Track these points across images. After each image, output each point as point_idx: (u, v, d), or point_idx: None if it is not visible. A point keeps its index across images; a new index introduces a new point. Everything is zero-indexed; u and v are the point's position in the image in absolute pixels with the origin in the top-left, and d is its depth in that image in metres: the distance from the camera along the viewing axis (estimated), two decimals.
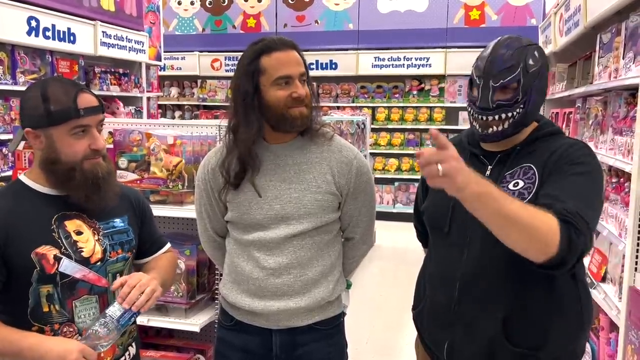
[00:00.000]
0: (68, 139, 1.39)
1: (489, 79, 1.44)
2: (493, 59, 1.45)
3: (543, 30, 5.26)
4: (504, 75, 1.42)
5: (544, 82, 1.49)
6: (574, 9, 3.67)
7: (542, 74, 1.46)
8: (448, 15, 7.70)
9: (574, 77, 4.00)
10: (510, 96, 1.43)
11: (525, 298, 1.44)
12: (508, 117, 1.44)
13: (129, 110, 5.98)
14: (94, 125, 1.41)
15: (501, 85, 1.43)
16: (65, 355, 1.30)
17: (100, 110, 1.44)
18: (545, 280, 1.43)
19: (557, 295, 1.45)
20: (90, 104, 1.41)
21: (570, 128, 3.85)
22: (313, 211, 1.61)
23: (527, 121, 1.48)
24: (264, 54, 1.57)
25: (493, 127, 1.46)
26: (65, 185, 1.42)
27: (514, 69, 1.42)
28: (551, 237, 1.23)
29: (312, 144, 1.66)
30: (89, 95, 1.42)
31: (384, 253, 6.27)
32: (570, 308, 1.46)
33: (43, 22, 4.64)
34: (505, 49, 1.44)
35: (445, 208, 1.53)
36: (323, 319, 1.68)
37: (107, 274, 1.47)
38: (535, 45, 1.47)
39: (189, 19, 8.79)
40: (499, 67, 1.43)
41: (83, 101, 1.39)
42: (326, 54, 8.15)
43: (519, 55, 1.43)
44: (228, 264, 1.73)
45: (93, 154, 1.42)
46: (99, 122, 1.44)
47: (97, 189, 1.42)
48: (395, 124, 8.09)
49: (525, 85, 1.42)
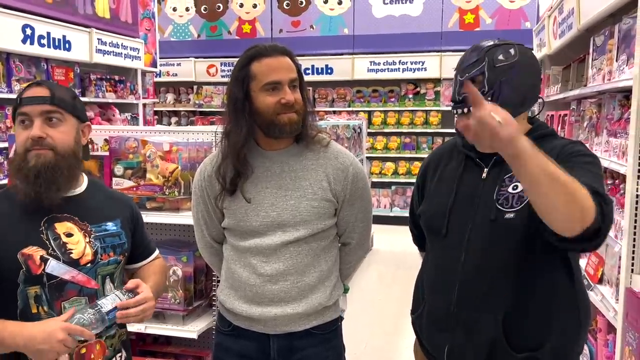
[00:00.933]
0: (18, 130, 1.45)
1: (458, 74, 1.52)
2: (464, 56, 1.53)
3: (537, 33, 5.28)
4: (469, 69, 1.49)
5: (524, 80, 1.48)
6: (568, 12, 3.69)
7: (518, 71, 1.46)
8: (443, 19, 7.74)
9: (568, 79, 4.02)
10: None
11: (524, 299, 1.44)
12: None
13: (125, 117, 5.97)
14: (35, 115, 1.42)
15: (467, 78, 1.47)
16: (50, 338, 1.29)
17: (44, 101, 1.43)
18: (543, 282, 1.45)
19: (556, 296, 1.46)
20: (33, 94, 1.44)
21: (565, 130, 3.86)
22: (309, 218, 1.62)
23: None
24: (255, 60, 1.58)
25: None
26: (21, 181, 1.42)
27: (479, 62, 1.48)
28: (588, 203, 1.20)
29: (308, 150, 1.67)
30: (39, 88, 1.45)
31: (382, 257, 6.27)
32: (569, 309, 1.47)
33: (38, 30, 4.64)
34: (475, 50, 1.51)
35: (443, 211, 1.54)
36: (320, 323, 1.68)
37: (97, 276, 1.48)
38: (515, 45, 1.50)
39: (185, 25, 8.80)
40: (466, 63, 1.50)
41: (28, 92, 1.44)
42: (322, 59, 8.17)
43: (488, 51, 1.48)
44: (225, 270, 1.73)
45: (32, 145, 1.41)
46: (43, 112, 1.43)
47: (27, 180, 1.40)
48: (392, 128, 8.11)
49: (490, 79, 1.46)
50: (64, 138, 1.45)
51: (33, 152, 1.41)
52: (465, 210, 1.51)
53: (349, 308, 4.59)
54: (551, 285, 1.45)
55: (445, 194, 1.56)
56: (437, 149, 1.76)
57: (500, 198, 1.45)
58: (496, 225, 1.42)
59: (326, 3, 8.15)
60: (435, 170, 1.65)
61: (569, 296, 1.48)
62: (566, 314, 1.47)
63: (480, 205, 1.47)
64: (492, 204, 1.45)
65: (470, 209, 1.49)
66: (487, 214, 1.44)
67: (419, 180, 1.73)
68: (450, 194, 1.54)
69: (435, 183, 1.62)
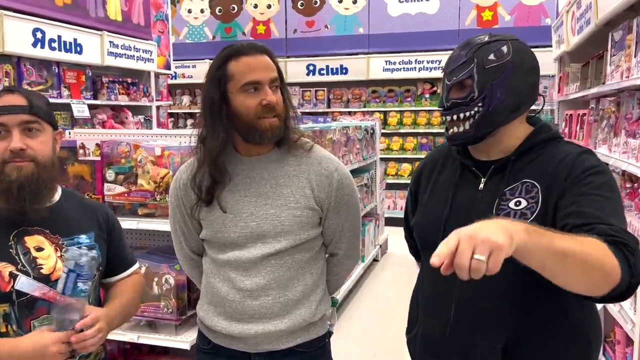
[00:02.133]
0: None
1: (444, 78, 1.39)
2: (450, 57, 1.39)
3: (556, 30, 5.10)
4: (456, 72, 1.35)
5: (519, 80, 1.34)
6: (586, 6, 3.52)
7: (512, 71, 1.32)
8: (460, 17, 7.55)
9: (587, 77, 3.85)
10: (464, 94, 1.34)
11: (527, 325, 1.30)
12: (467, 116, 1.34)
13: (138, 119, 5.96)
14: (12, 126, 1.35)
15: (454, 83, 1.35)
16: (43, 351, 1.25)
17: (22, 111, 1.36)
18: (547, 305, 1.30)
19: (562, 323, 1.32)
20: (10, 102, 1.36)
21: (584, 131, 3.70)
22: (291, 228, 1.51)
23: (494, 121, 1.34)
24: (232, 59, 1.47)
25: (454, 128, 1.36)
26: None
27: (466, 65, 1.33)
28: (610, 263, 1.07)
29: (290, 155, 1.56)
30: (14, 96, 1.37)
31: (397, 260, 6.14)
32: (576, 334, 1.33)
33: (49, 33, 4.65)
34: (464, 47, 1.37)
35: (437, 223, 1.40)
36: (305, 340, 1.58)
37: None
38: (510, 41, 1.35)
39: (199, 27, 8.80)
40: (454, 64, 1.36)
41: (2, 101, 1.35)
42: (336, 59, 8.06)
43: (477, 51, 1.34)
44: (204, 285, 1.64)
45: (12, 157, 1.34)
46: (21, 122, 1.36)
47: (9, 194, 1.34)
48: (408, 128, 7.96)
49: (481, 82, 1.32)
50: (43, 149, 1.40)
51: (12, 164, 1.34)
52: (461, 223, 1.37)
53: (361, 313, 4.50)
54: (558, 311, 1.31)
55: (439, 205, 1.42)
56: (432, 153, 1.63)
57: (501, 213, 1.30)
58: None
59: (341, 2, 8.04)
60: (430, 177, 1.52)
61: (577, 323, 1.33)
62: (576, 338, 1.33)
63: (478, 219, 1.33)
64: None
65: (467, 222, 1.36)
66: None
67: (413, 187, 1.60)
68: (445, 205, 1.41)
69: (430, 192, 1.49)
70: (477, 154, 1.43)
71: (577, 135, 3.87)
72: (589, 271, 1.05)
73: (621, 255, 1.08)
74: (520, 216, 1.28)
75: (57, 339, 1.27)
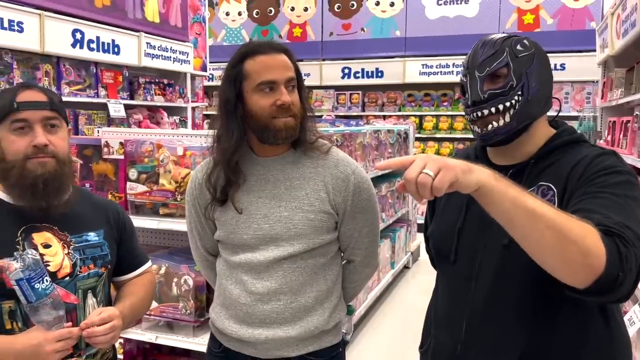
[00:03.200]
0: (10, 137, 1.34)
1: (474, 71, 1.29)
2: (474, 53, 1.31)
3: (600, 33, 4.89)
4: (489, 62, 1.27)
5: (544, 74, 1.29)
6: (632, 8, 3.35)
7: (538, 63, 1.28)
8: (500, 20, 7.37)
9: (632, 82, 3.66)
10: (502, 84, 1.26)
11: (544, 341, 1.21)
12: (507, 107, 1.25)
13: (173, 120, 6.04)
14: (35, 121, 1.35)
15: (488, 73, 1.27)
16: (38, 352, 1.24)
17: (44, 106, 1.36)
18: (567, 320, 1.21)
19: (583, 338, 1.21)
20: (30, 98, 1.35)
21: (627, 138, 3.52)
22: (304, 232, 1.46)
23: (532, 112, 1.27)
24: (248, 58, 1.44)
25: (493, 123, 1.26)
26: (11, 189, 1.35)
27: (499, 54, 1.26)
28: (593, 245, 0.98)
29: (306, 157, 1.52)
30: (32, 92, 1.37)
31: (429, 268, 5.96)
32: (600, 354, 1.23)
33: (88, 34, 4.76)
34: (486, 44, 1.30)
35: (451, 233, 1.33)
36: (317, 349, 1.52)
37: (76, 290, 1.39)
38: (525, 37, 1.31)
39: (237, 30, 8.87)
40: (482, 56, 1.28)
41: (23, 97, 1.35)
42: (372, 62, 7.99)
43: (503, 43, 1.28)
44: (218, 287, 1.60)
45: (35, 152, 1.34)
46: (43, 118, 1.36)
47: (39, 190, 1.34)
48: (444, 133, 7.80)
49: (516, 69, 1.25)
50: (63, 144, 1.40)
51: (35, 160, 1.34)
52: (476, 232, 1.30)
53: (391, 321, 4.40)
54: (577, 324, 1.21)
55: (454, 214, 1.35)
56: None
57: None
58: (509, 252, 1.20)
59: (378, 5, 7.97)
60: None
61: (601, 338, 1.22)
62: (597, 355, 1.22)
63: (493, 227, 1.24)
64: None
65: (481, 231, 1.28)
66: (499, 238, 1.21)
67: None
68: (459, 213, 1.34)
69: (445, 200, 1.41)
70: (497, 159, 1.35)
71: (620, 143, 3.69)
72: (565, 243, 0.97)
73: (613, 245, 1.00)
74: None
75: (51, 338, 1.25)
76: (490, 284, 1.26)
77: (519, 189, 1.01)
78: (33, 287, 1.24)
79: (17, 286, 1.24)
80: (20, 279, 1.23)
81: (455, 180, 0.95)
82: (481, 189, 0.98)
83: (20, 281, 1.23)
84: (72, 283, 1.38)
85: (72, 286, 1.38)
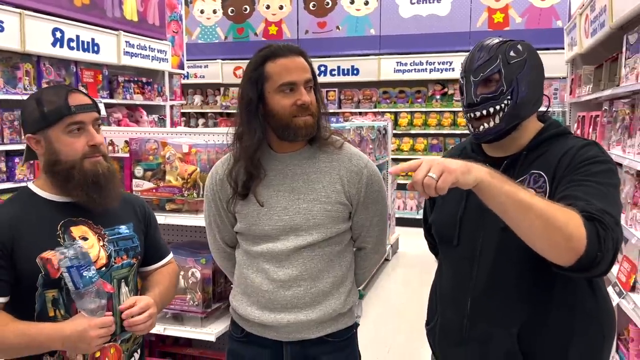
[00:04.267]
0: (65, 138, 1.42)
1: (470, 75, 1.44)
2: (472, 56, 1.46)
3: (568, 32, 5.13)
4: (483, 68, 1.42)
5: (535, 76, 1.44)
6: (600, 9, 3.56)
7: (530, 67, 1.42)
8: (471, 19, 7.60)
9: (600, 79, 3.88)
10: (493, 88, 1.41)
11: (541, 313, 1.37)
12: (497, 110, 1.41)
13: (152, 118, 6.04)
14: (89, 123, 1.44)
15: (482, 79, 1.42)
16: (83, 336, 1.32)
17: (93, 108, 1.46)
18: (561, 293, 1.37)
19: (575, 308, 1.38)
20: (82, 101, 1.44)
21: (597, 132, 3.74)
22: (322, 222, 1.58)
23: (520, 114, 1.42)
24: (269, 60, 1.54)
25: (484, 124, 1.42)
26: (66, 187, 1.44)
27: (492, 60, 1.41)
28: (576, 230, 1.15)
29: (321, 152, 1.63)
30: (80, 95, 1.46)
31: (408, 260, 6.19)
32: (590, 321, 1.39)
33: (67, 33, 4.73)
34: (482, 49, 1.45)
35: (453, 220, 1.47)
36: (335, 330, 1.64)
37: (112, 279, 1.48)
38: (519, 42, 1.46)
39: (212, 28, 8.88)
40: (478, 62, 1.43)
41: (74, 100, 1.43)
42: (348, 60, 8.13)
43: (497, 49, 1.42)
44: (238, 276, 1.70)
45: (92, 152, 1.44)
46: (94, 120, 1.46)
47: (98, 187, 1.44)
48: (418, 129, 8.01)
49: (507, 75, 1.40)
50: (102, 140, 1.49)
51: (92, 159, 1.44)
52: (476, 218, 1.44)
53: (373, 312, 4.55)
54: (570, 297, 1.37)
55: (455, 202, 1.49)
56: (448, 153, 1.70)
57: None
58: (507, 235, 1.33)
59: (352, 3, 8.10)
60: None
61: (590, 308, 1.40)
62: (588, 327, 1.38)
63: (491, 212, 1.39)
64: None
65: (480, 217, 1.42)
66: (497, 221, 1.35)
67: None
68: (460, 202, 1.48)
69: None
70: (492, 151, 1.49)
71: (590, 137, 3.91)
72: (551, 230, 1.15)
73: (593, 229, 1.16)
74: None
75: (94, 325, 1.34)
76: (491, 263, 1.41)
77: (513, 183, 1.18)
78: (81, 275, 1.33)
79: (67, 273, 1.33)
80: (71, 267, 1.32)
81: (456, 181, 1.13)
82: (479, 185, 1.16)
83: (70, 268, 1.32)
84: (108, 273, 1.47)
85: (108, 276, 1.47)
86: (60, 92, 1.43)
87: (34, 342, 1.34)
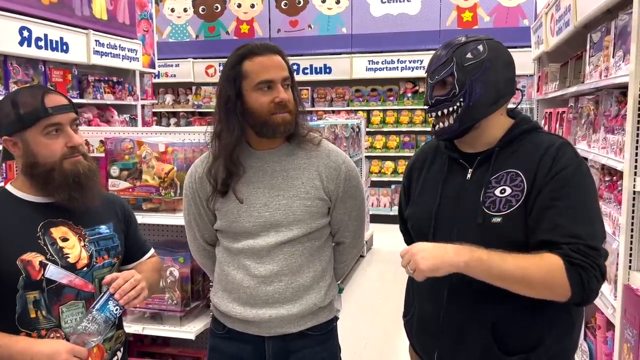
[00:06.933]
0: (43, 140, 1.41)
1: (428, 77, 1.51)
2: (432, 58, 1.52)
3: (535, 31, 5.27)
4: (438, 71, 1.47)
5: (494, 76, 1.45)
6: (565, 9, 3.68)
7: (490, 67, 1.44)
8: (441, 18, 7.73)
9: (566, 76, 4.01)
10: (446, 91, 1.46)
11: (513, 302, 1.41)
12: (450, 112, 1.46)
13: (123, 118, 5.97)
14: (66, 124, 1.43)
15: (437, 81, 1.47)
16: (54, 356, 1.31)
17: (70, 109, 1.45)
18: None
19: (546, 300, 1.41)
20: (59, 102, 1.43)
21: (563, 127, 3.86)
22: (302, 217, 1.60)
23: (474, 115, 1.45)
24: (247, 59, 1.56)
25: (440, 124, 1.49)
26: (46, 188, 1.43)
27: (447, 64, 1.46)
28: (558, 283, 1.29)
29: (300, 149, 1.65)
30: (57, 96, 1.45)
31: (382, 257, 6.26)
32: (559, 308, 1.44)
33: (35, 32, 4.63)
34: (444, 48, 1.49)
35: (428, 215, 1.51)
36: (315, 324, 1.67)
37: (93, 279, 1.48)
38: (483, 41, 1.47)
39: (183, 26, 8.80)
40: (435, 64, 1.48)
41: (51, 101, 1.41)
42: (320, 59, 8.17)
43: (455, 51, 1.46)
44: (218, 273, 1.71)
45: (71, 152, 1.43)
46: (72, 120, 1.45)
47: (79, 187, 1.43)
48: (391, 127, 8.10)
49: (460, 79, 1.44)
50: (81, 141, 1.48)
51: (72, 159, 1.43)
52: (450, 214, 1.48)
53: (350, 307, 4.60)
54: None
55: (430, 197, 1.53)
56: (422, 148, 1.73)
57: (487, 201, 1.41)
58: (483, 230, 1.39)
59: (324, 2, 8.14)
60: (421, 171, 1.62)
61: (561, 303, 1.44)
62: (558, 315, 1.44)
63: (466, 207, 1.44)
64: (478, 206, 1.41)
65: (456, 211, 1.47)
66: (473, 217, 1.41)
67: (405, 182, 1.69)
68: (435, 196, 1.51)
69: (421, 185, 1.59)
70: (464, 147, 1.54)
71: (557, 132, 4.03)
72: (534, 287, 1.32)
73: (575, 275, 1.28)
74: (505, 203, 1.39)
75: (70, 350, 1.33)
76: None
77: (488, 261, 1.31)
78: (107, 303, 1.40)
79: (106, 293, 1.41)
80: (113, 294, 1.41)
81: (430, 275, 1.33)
82: (462, 271, 1.33)
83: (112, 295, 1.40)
84: (89, 273, 1.47)
85: (89, 276, 1.47)
86: (36, 93, 1.41)
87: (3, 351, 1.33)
